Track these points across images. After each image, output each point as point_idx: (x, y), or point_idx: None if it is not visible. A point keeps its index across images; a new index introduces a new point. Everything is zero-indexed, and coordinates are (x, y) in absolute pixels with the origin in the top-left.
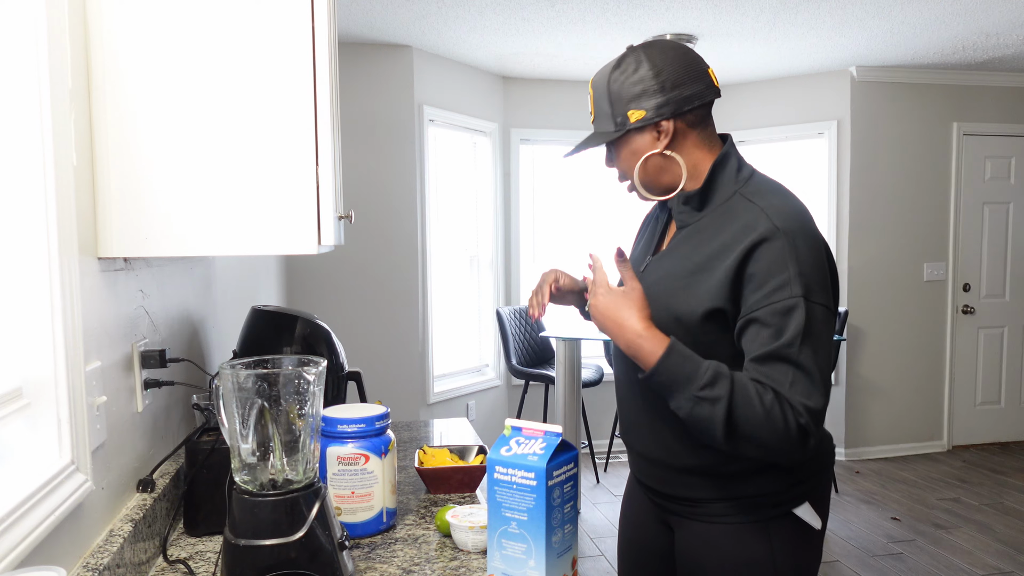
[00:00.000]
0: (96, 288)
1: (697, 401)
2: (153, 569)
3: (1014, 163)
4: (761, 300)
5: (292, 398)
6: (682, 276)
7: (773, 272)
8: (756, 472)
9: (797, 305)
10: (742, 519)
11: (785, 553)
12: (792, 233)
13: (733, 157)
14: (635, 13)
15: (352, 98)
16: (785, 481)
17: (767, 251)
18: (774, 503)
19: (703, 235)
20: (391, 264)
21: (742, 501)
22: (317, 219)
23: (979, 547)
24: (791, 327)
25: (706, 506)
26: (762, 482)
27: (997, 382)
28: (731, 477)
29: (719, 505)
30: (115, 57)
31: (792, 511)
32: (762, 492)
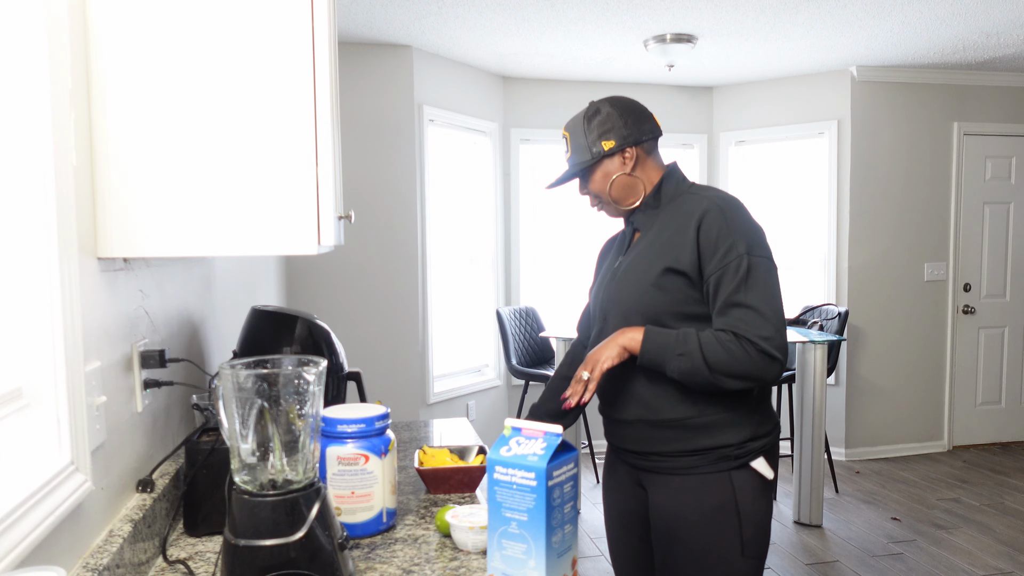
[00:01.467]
0: (96, 288)
1: (679, 358)
2: (153, 569)
3: (1014, 163)
4: (716, 266)
5: (292, 398)
6: (648, 255)
7: (721, 239)
8: (718, 427)
9: (741, 261)
10: (708, 469)
11: (746, 499)
12: (727, 207)
13: (677, 172)
14: (635, 13)
15: (352, 98)
16: (742, 435)
17: (711, 222)
18: (735, 456)
19: (660, 226)
20: (391, 264)
21: (708, 453)
22: (317, 219)
23: (979, 547)
24: (738, 279)
25: (677, 459)
26: (724, 436)
27: (997, 382)
28: (700, 429)
29: (689, 458)
30: (115, 57)
31: (750, 464)
32: (724, 443)
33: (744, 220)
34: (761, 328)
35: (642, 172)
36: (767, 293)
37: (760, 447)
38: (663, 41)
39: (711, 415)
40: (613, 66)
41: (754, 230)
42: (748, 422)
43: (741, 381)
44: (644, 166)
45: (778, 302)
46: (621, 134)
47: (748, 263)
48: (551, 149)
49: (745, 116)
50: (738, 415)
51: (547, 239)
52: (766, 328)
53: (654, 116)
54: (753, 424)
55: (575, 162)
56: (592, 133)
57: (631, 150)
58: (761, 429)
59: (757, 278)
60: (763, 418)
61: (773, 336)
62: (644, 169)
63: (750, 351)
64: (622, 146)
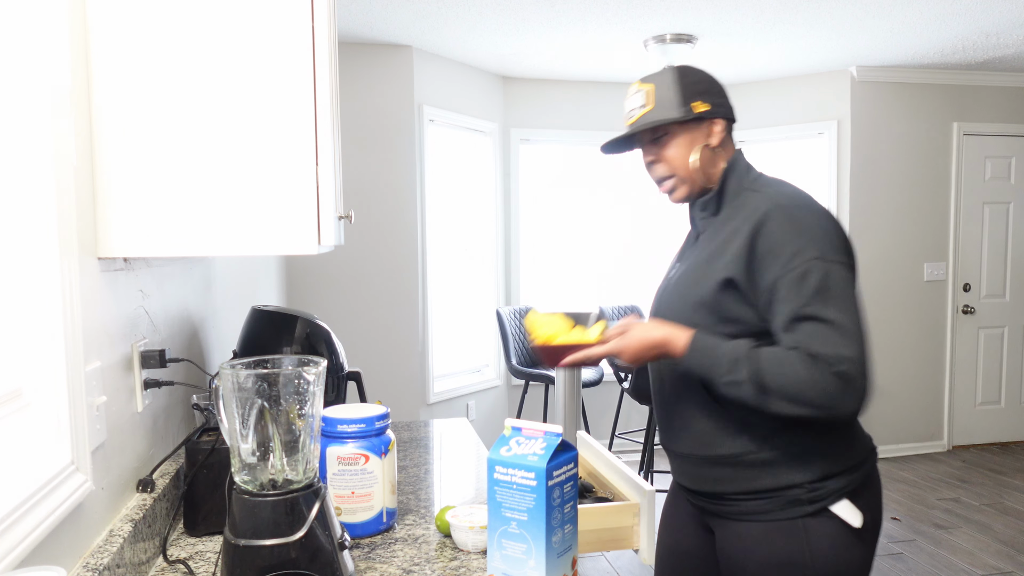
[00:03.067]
0: (96, 288)
1: (726, 387)
2: (153, 569)
3: (1014, 163)
4: (779, 272)
5: (292, 398)
6: (700, 266)
7: (784, 244)
8: (782, 463)
9: (812, 267)
10: (775, 516)
11: (823, 555)
12: (791, 207)
13: (741, 161)
14: (635, 13)
15: (352, 98)
16: (813, 472)
17: (773, 226)
18: (809, 499)
19: (717, 230)
20: (391, 264)
21: (772, 496)
22: (317, 219)
23: (979, 547)
24: (809, 287)
25: (738, 503)
26: (789, 474)
27: (997, 382)
28: (760, 467)
29: (750, 501)
30: (115, 57)
31: (829, 508)
32: (790, 484)
33: (815, 220)
34: (840, 346)
35: (723, 152)
36: (846, 304)
37: (841, 487)
38: (663, 41)
39: (771, 450)
40: (613, 66)
41: (829, 231)
42: (821, 455)
43: (803, 408)
44: (725, 148)
45: (860, 316)
46: (716, 100)
47: (823, 269)
48: (551, 149)
49: (745, 116)
50: (805, 447)
51: (547, 239)
52: (847, 347)
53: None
54: (829, 458)
55: (655, 118)
56: (686, 89)
57: (721, 123)
58: (842, 463)
59: (833, 287)
60: (844, 448)
61: (855, 357)
62: (723, 149)
63: (825, 374)
64: (715, 114)
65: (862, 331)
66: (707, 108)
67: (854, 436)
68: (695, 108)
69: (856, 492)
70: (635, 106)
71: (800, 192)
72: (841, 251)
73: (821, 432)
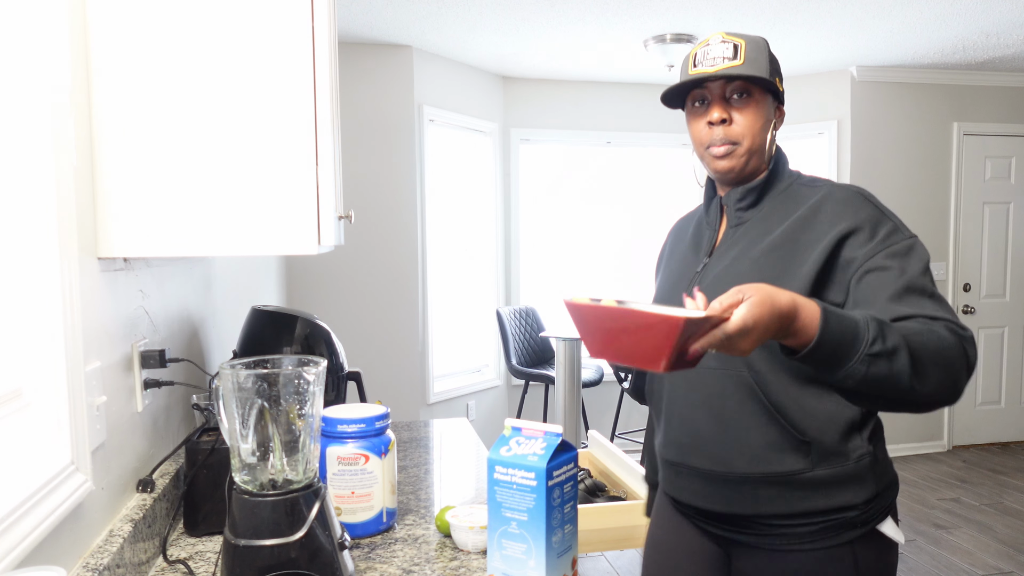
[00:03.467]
0: (96, 288)
1: (872, 360)
2: (153, 569)
3: (1014, 163)
4: (876, 247)
5: (292, 398)
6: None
7: (877, 222)
8: (838, 482)
9: (914, 245)
10: (824, 543)
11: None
12: (870, 195)
13: (785, 156)
14: (635, 13)
15: (352, 98)
16: (868, 491)
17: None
18: (861, 520)
19: (769, 220)
20: (391, 264)
21: (822, 520)
22: (317, 219)
23: (979, 547)
24: (915, 263)
25: (780, 528)
26: (844, 494)
27: (997, 382)
28: (814, 487)
29: (796, 526)
30: (115, 57)
31: (877, 528)
32: (845, 505)
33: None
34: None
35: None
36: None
37: (888, 504)
38: (663, 41)
39: (831, 467)
40: (613, 66)
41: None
42: (873, 472)
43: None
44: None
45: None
46: (782, 88)
47: (923, 254)
48: (551, 149)
49: None
50: (863, 464)
51: (547, 239)
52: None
53: None
54: (879, 473)
55: (749, 71)
56: (772, 62)
57: (782, 109)
58: (887, 479)
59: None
60: (887, 465)
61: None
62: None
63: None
64: (782, 98)
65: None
66: (782, 89)
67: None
68: (776, 82)
69: (893, 508)
70: (720, 55)
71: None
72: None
73: (877, 446)
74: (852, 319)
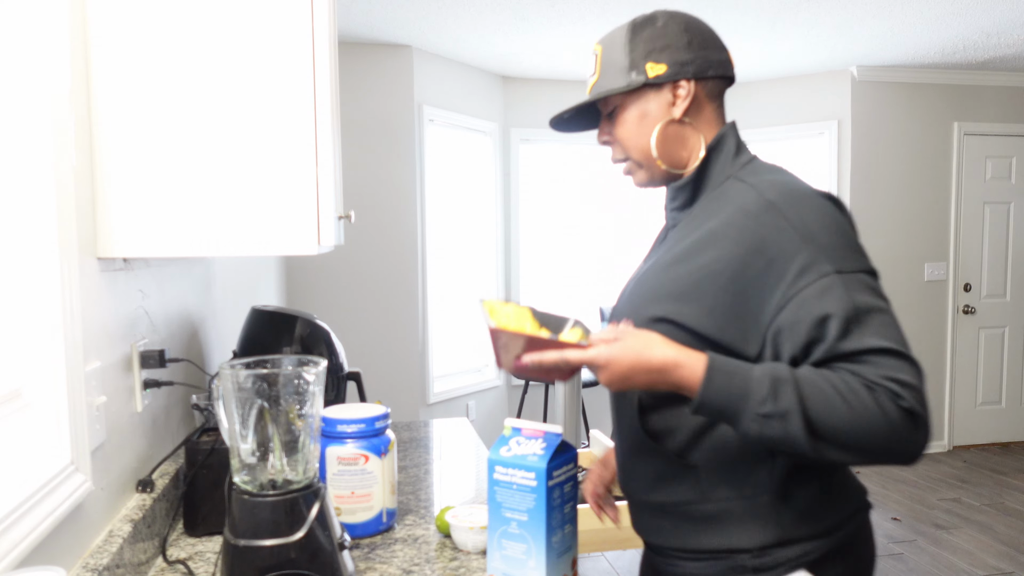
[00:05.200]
0: (96, 288)
1: (763, 420)
2: (153, 569)
3: (1015, 163)
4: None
5: (292, 398)
6: (666, 267)
7: (783, 257)
8: (730, 519)
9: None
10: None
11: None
12: (787, 203)
13: (731, 139)
14: (635, 13)
15: (352, 98)
16: (766, 536)
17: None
18: (754, 567)
19: (691, 224)
20: (391, 264)
21: (717, 559)
22: (317, 219)
23: (980, 547)
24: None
25: (677, 562)
26: (735, 534)
27: (998, 382)
28: (704, 521)
29: (690, 562)
30: (115, 57)
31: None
32: (735, 548)
33: (821, 216)
34: (900, 370)
35: (698, 123)
36: (887, 323)
37: (800, 555)
38: None
39: (719, 502)
40: None
41: (836, 230)
42: (779, 514)
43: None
44: (700, 116)
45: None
46: (677, 58)
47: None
48: (551, 149)
49: (745, 116)
50: (761, 502)
51: (547, 239)
52: (906, 372)
53: (729, 53)
54: (791, 517)
55: (601, 88)
56: (637, 48)
57: (687, 84)
58: (808, 526)
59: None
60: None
61: (917, 385)
62: (701, 119)
63: (887, 407)
64: (676, 75)
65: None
66: (663, 70)
67: (833, 490)
68: (650, 71)
69: (826, 561)
70: (591, 72)
71: (797, 183)
72: (858, 254)
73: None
74: (743, 376)
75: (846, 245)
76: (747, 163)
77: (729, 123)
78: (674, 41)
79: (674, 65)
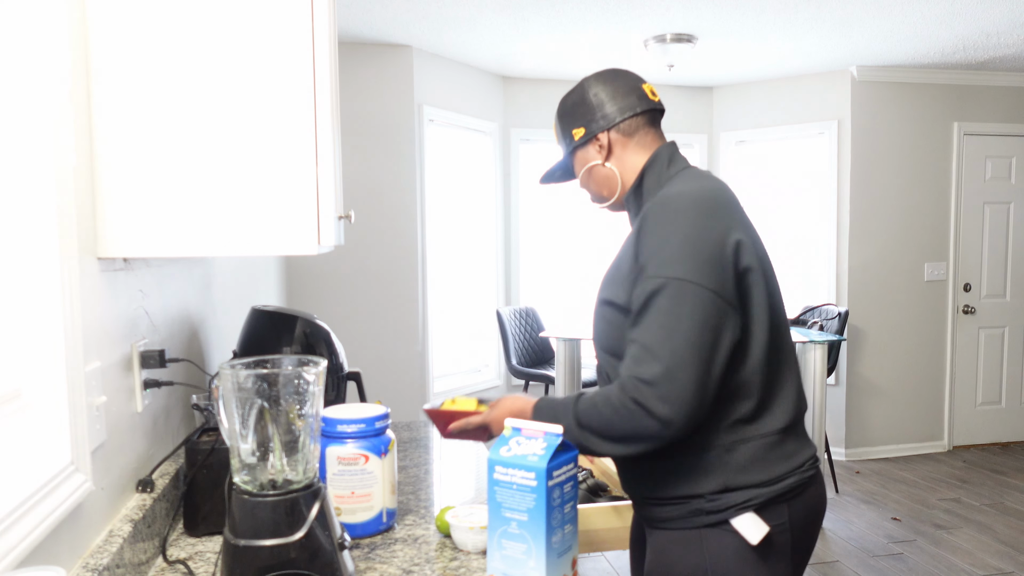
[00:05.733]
0: (96, 288)
1: (577, 442)
2: (153, 569)
3: (1014, 163)
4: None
5: (292, 398)
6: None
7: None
8: (684, 472)
9: (647, 286)
10: (679, 525)
11: (721, 570)
12: (661, 209)
13: (663, 155)
14: (635, 13)
15: (352, 98)
16: (712, 484)
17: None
18: (708, 510)
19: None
20: (391, 264)
21: (679, 504)
22: (317, 219)
23: (979, 547)
24: (636, 310)
25: (653, 508)
26: (689, 484)
27: (998, 382)
28: (668, 474)
29: (662, 507)
30: (115, 56)
31: (729, 521)
32: (691, 494)
33: (670, 226)
34: (641, 369)
35: (619, 160)
36: (666, 325)
37: (746, 500)
38: (663, 41)
39: (674, 457)
40: (613, 66)
41: (677, 240)
42: (723, 466)
43: (625, 445)
44: (624, 153)
45: (682, 337)
46: (589, 119)
47: (652, 287)
48: (551, 149)
49: (745, 116)
50: (705, 458)
51: (547, 239)
52: (648, 369)
53: (644, 87)
54: (733, 470)
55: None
56: (564, 121)
57: (603, 135)
58: (749, 476)
59: (658, 306)
60: (753, 461)
61: (656, 381)
62: (625, 157)
63: (623, 401)
64: (592, 133)
65: (680, 353)
66: (582, 132)
67: (772, 449)
68: (575, 136)
69: (769, 506)
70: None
71: (681, 192)
72: (685, 263)
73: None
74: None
75: (676, 252)
76: (675, 174)
77: (664, 144)
78: (584, 108)
79: (588, 125)
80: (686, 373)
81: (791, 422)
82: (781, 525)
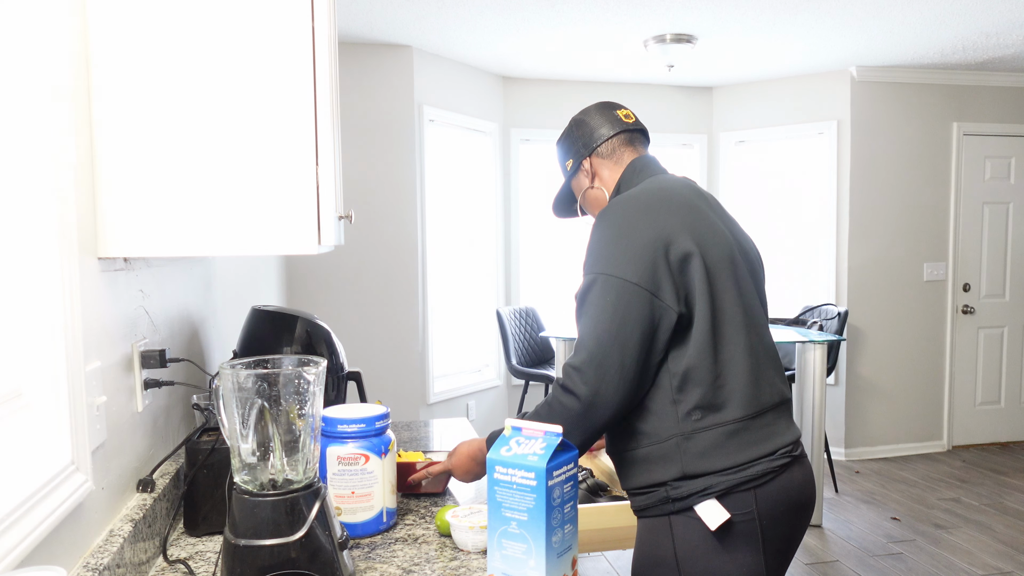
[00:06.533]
0: (96, 288)
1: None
2: (153, 569)
3: (1014, 163)
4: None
5: (292, 398)
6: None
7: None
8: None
9: (585, 286)
10: (651, 513)
11: (689, 555)
12: (598, 218)
13: (633, 169)
14: (635, 13)
15: (352, 98)
16: (672, 471)
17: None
18: (674, 497)
19: None
20: (391, 264)
21: (648, 492)
22: (317, 219)
23: (979, 547)
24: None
25: (632, 498)
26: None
27: (997, 382)
28: (636, 464)
29: (635, 497)
30: (115, 56)
31: (693, 508)
32: (655, 482)
33: (604, 228)
34: (572, 358)
35: (604, 181)
36: (593, 316)
37: (703, 488)
38: (663, 41)
39: (638, 447)
40: (613, 66)
41: (607, 239)
42: (682, 454)
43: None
44: (607, 173)
45: (604, 327)
46: (573, 150)
47: (585, 284)
48: (551, 149)
49: (745, 116)
50: (665, 447)
51: (547, 239)
52: (576, 357)
53: (615, 111)
54: (689, 456)
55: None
56: (560, 155)
57: (586, 161)
58: (707, 464)
59: (589, 300)
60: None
61: (581, 366)
62: (606, 176)
63: (555, 388)
64: (578, 162)
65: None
66: (571, 163)
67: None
68: (568, 167)
69: (732, 493)
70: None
71: (629, 194)
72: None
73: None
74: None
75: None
76: (639, 182)
77: (636, 157)
78: (570, 141)
79: (574, 157)
80: (609, 359)
81: (756, 410)
82: (747, 513)
